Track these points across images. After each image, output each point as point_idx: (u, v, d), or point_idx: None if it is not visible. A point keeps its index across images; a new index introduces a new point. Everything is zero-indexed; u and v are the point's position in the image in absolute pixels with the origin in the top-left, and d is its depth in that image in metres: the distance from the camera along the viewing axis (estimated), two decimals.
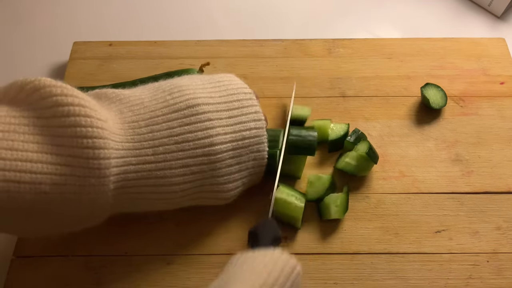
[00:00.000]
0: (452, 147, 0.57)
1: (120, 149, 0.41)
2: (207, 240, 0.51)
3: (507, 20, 0.72)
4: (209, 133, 0.44)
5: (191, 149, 0.44)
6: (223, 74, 0.51)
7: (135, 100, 0.45)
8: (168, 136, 0.43)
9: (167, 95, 0.45)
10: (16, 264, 0.50)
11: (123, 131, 0.42)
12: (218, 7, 0.74)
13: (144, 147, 0.42)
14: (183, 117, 0.44)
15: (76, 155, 0.38)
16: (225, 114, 0.46)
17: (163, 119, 0.44)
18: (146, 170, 0.42)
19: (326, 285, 0.49)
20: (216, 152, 0.45)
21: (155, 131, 0.43)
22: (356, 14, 0.73)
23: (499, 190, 0.55)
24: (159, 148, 0.43)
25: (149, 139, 0.43)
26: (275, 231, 0.46)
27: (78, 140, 0.38)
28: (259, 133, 0.48)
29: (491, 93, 0.62)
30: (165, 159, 0.43)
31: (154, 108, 0.44)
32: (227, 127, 0.46)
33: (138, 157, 0.42)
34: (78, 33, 0.70)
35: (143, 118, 0.44)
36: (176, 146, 0.43)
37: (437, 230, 0.52)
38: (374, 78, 0.63)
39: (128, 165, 0.41)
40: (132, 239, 0.51)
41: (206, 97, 0.46)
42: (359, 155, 0.53)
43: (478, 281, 0.49)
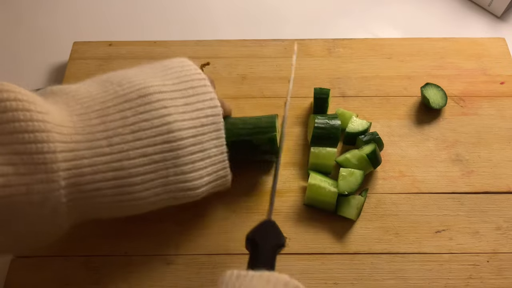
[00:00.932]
0: (452, 147, 0.57)
1: (69, 141, 0.38)
2: (207, 240, 0.51)
3: (507, 20, 0.72)
4: (166, 119, 0.42)
5: (148, 137, 0.41)
6: (174, 59, 0.48)
7: (82, 93, 0.42)
8: (122, 126, 0.40)
9: (117, 87, 0.43)
10: (16, 264, 0.50)
11: (72, 123, 0.39)
12: (218, 7, 0.74)
13: (97, 138, 0.39)
14: (137, 106, 0.41)
15: (17, 152, 0.35)
16: (181, 102, 0.44)
17: (115, 110, 0.41)
18: (102, 162, 0.39)
19: (326, 285, 0.49)
20: (176, 139, 0.42)
21: (108, 121, 0.40)
22: (356, 14, 0.73)
23: (499, 190, 0.55)
24: (114, 139, 0.40)
25: (102, 130, 0.40)
26: (276, 236, 0.42)
27: (18, 135, 0.35)
28: (215, 120, 0.46)
29: (491, 93, 0.62)
30: (122, 149, 0.40)
31: (104, 99, 0.42)
32: (185, 114, 0.43)
33: (92, 149, 0.39)
34: (78, 33, 0.70)
35: (93, 110, 0.41)
36: (133, 135, 0.40)
37: (437, 230, 0.52)
38: (374, 78, 0.63)
39: (81, 159, 0.38)
40: (132, 239, 0.51)
41: (159, 85, 0.44)
42: (361, 155, 0.53)
43: (478, 281, 0.49)
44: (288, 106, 0.52)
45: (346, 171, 0.52)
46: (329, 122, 0.55)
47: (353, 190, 0.52)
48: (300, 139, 0.58)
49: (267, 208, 0.51)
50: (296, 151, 0.57)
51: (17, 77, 0.66)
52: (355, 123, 0.57)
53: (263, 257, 0.40)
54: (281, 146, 0.50)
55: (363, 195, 0.52)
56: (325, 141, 0.54)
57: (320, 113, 0.57)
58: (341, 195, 0.52)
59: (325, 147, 0.54)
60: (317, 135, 0.54)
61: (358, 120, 0.57)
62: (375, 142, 0.54)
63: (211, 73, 0.63)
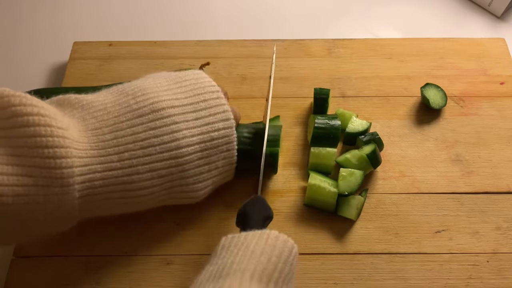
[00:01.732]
0: (452, 147, 0.57)
1: (84, 156, 0.41)
2: (207, 240, 0.51)
3: (507, 20, 0.72)
4: (175, 136, 0.44)
5: (157, 153, 0.43)
6: (190, 71, 0.50)
7: (98, 106, 0.44)
8: (133, 141, 0.43)
9: (131, 99, 0.45)
10: (16, 264, 0.50)
11: (87, 139, 0.42)
12: (218, 7, 0.74)
13: (109, 153, 0.42)
14: (148, 122, 0.43)
15: (37, 165, 0.37)
16: (192, 116, 0.46)
17: (127, 125, 0.43)
18: (113, 176, 0.42)
19: (326, 285, 0.49)
20: (183, 155, 0.44)
21: (120, 137, 0.43)
22: (356, 14, 0.73)
23: (499, 190, 0.55)
24: (125, 154, 0.42)
25: (114, 145, 0.42)
26: (265, 209, 0.45)
27: (38, 150, 0.37)
28: (227, 133, 0.47)
29: (491, 93, 0.62)
30: (131, 164, 0.42)
31: (118, 113, 0.44)
32: (194, 129, 0.45)
33: (104, 164, 0.41)
34: (78, 33, 0.70)
35: (107, 125, 0.43)
36: (142, 151, 0.43)
37: (437, 230, 0.52)
38: (374, 78, 0.63)
39: (94, 173, 0.41)
40: (132, 239, 0.51)
41: (171, 99, 0.45)
42: (360, 155, 0.53)
43: (478, 281, 0.49)
44: (270, 104, 0.53)
45: (346, 171, 0.52)
46: (329, 122, 0.55)
47: (353, 190, 0.52)
48: (300, 139, 0.58)
49: None
50: (296, 151, 0.57)
51: (17, 77, 0.66)
52: (355, 123, 0.57)
53: (254, 225, 0.43)
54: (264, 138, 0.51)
55: (363, 195, 0.52)
56: (325, 141, 0.54)
57: (320, 113, 0.57)
58: (341, 195, 0.52)
59: (325, 147, 0.54)
60: (317, 135, 0.54)
61: (358, 120, 0.57)
62: (375, 143, 0.54)
63: (211, 73, 0.63)
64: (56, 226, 0.43)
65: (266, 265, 0.36)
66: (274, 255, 0.37)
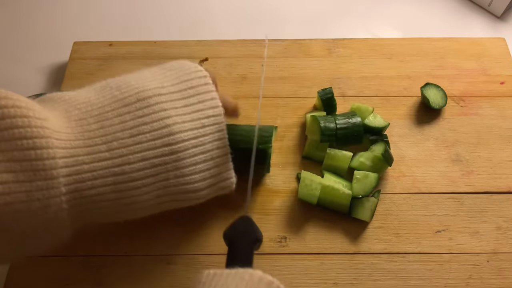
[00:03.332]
0: (452, 147, 0.57)
1: (69, 147, 0.38)
2: (207, 240, 0.51)
3: (507, 20, 0.72)
4: (166, 122, 0.41)
5: (148, 140, 0.40)
6: (174, 61, 0.47)
7: (81, 99, 0.42)
8: (121, 130, 0.40)
9: (115, 91, 0.42)
10: (16, 264, 0.50)
11: (70, 129, 0.39)
12: (218, 7, 0.74)
13: (96, 143, 0.39)
14: (135, 110, 0.41)
15: (17, 159, 0.35)
16: (180, 103, 0.43)
17: (114, 114, 0.41)
18: (102, 168, 0.39)
19: (326, 285, 0.49)
20: (177, 141, 0.42)
21: (106, 126, 0.40)
22: (356, 14, 0.73)
23: (499, 190, 0.55)
24: (113, 143, 0.39)
25: (101, 134, 0.39)
26: (253, 231, 0.42)
27: (17, 142, 0.35)
28: (217, 120, 0.45)
29: (491, 93, 0.62)
30: (121, 154, 0.40)
31: (102, 104, 0.41)
32: (185, 115, 0.43)
33: (91, 154, 0.39)
34: (78, 33, 0.70)
35: (91, 115, 0.40)
36: (132, 139, 0.40)
37: (437, 230, 0.52)
38: (374, 78, 0.63)
39: (81, 164, 0.38)
40: (132, 239, 0.51)
41: (157, 87, 0.43)
42: (374, 156, 0.53)
43: (478, 281, 0.49)
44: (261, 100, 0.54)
45: (361, 174, 0.52)
46: (350, 121, 0.54)
47: (367, 193, 0.51)
48: (300, 139, 0.58)
49: (262, 204, 0.51)
50: (297, 151, 0.57)
51: (17, 77, 0.66)
52: (374, 119, 0.56)
53: (240, 254, 0.40)
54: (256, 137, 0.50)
55: (376, 197, 0.52)
56: (350, 140, 0.54)
57: (330, 113, 0.57)
58: (354, 198, 0.51)
59: (341, 150, 0.54)
60: (341, 136, 0.54)
61: (377, 116, 0.57)
62: (380, 140, 0.55)
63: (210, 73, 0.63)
64: (46, 235, 0.39)
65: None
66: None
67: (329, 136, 0.53)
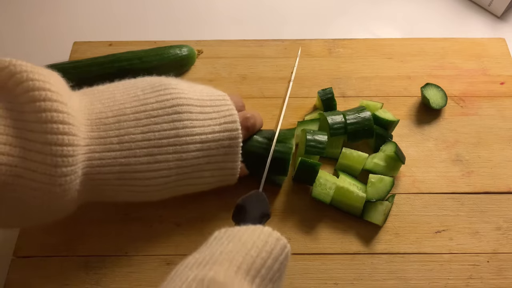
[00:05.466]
0: (452, 147, 0.57)
1: (85, 138, 0.42)
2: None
3: (507, 20, 0.72)
4: (175, 125, 0.45)
5: (156, 139, 0.44)
6: (212, 89, 0.51)
7: (106, 94, 0.46)
8: (134, 126, 0.44)
9: (139, 91, 0.46)
10: (16, 264, 0.50)
11: (90, 121, 0.43)
12: (218, 7, 0.74)
13: (109, 136, 0.43)
14: (151, 110, 0.45)
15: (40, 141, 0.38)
16: (196, 109, 0.46)
17: (131, 111, 0.44)
18: (111, 157, 0.43)
19: (326, 285, 0.49)
20: (181, 143, 0.45)
21: (122, 121, 0.44)
22: (356, 14, 0.73)
23: (499, 190, 0.55)
24: (125, 137, 0.43)
25: (115, 128, 0.43)
26: (264, 205, 0.45)
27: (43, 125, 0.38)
28: (229, 127, 0.48)
29: (491, 93, 0.62)
30: (130, 147, 0.43)
31: (124, 101, 0.45)
32: (196, 121, 0.46)
33: (103, 145, 0.43)
34: (78, 33, 0.70)
35: (111, 109, 0.44)
36: (142, 135, 0.44)
37: (437, 230, 0.52)
38: (374, 78, 0.63)
39: (92, 153, 0.42)
40: (132, 239, 0.51)
41: (178, 93, 0.46)
42: (387, 155, 0.53)
43: (478, 281, 0.49)
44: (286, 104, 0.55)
45: (376, 178, 0.52)
46: (360, 115, 0.54)
47: (381, 197, 0.51)
48: None
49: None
50: (297, 151, 0.57)
51: None
52: (384, 113, 0.56)
53: (250, 219, 0.44)
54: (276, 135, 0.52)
55: (390, 201, 0.52)
56: (361, 135, 0.54)
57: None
58: (368, 201, 0.51)
59: (357, 151, 0.54)
60: (352, 131, 0.54)
61: (386, 111, 0.57)
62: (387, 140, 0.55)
63: (210, 73, 0.63)
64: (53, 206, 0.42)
65: (255, 259, 0.36)
66: (265, 250, 0.37)
67: (337, 129, 0.53)
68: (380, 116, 0.56)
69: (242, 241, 0.37)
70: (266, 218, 0.45)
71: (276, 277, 0.38)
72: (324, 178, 0.52)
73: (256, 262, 0.36)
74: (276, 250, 0.38)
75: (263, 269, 0.36)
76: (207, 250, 0.38)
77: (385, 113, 0.57)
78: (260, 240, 0.38)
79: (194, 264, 0.36)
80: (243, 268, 0.35)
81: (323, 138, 0.52)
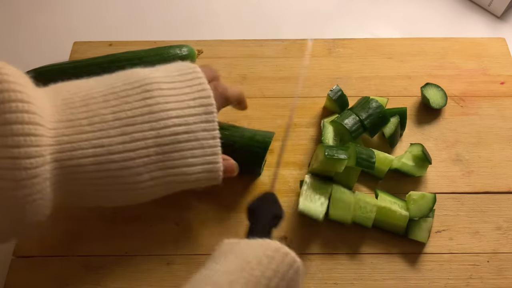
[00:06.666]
0: (452, 147, 0.57)
1: (52, 121, 0.40)
2: (207, 240, 0.51)
3: (507, 20, 0.72)
4: (147, 102, 0.43)
5: (128, 117, 0.42)
6: (181, 63, 0.48)
7: (73, 84, 0.44)
8: (104, 107, 0.42)
9: (106, 80, 0.45)
10: (16, 264, 0.50)
11: (55, 108, 0.41)
12: (218, 7, 0.74)
13: (78, 118, 0.41)
14: (120, 91, 0.43)
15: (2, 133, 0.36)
16: (166, 86, 0.45)
17: (99, 94, 0.43)
18: (82, 140, 0.41)
19: (326, 285, 0.49)
20: (157, 119, 0.43)
21: (91, 104, 0.42)
22: (356, 14, 0.73)
23: (499, 190, 0.55)
24: (94, 118, 0.41)
25: (84, 111, 0.42)
26: (275, 206, 0.44)
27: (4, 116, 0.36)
28: (204, 102, 0.45)
29: (491, 93, 0.62)
30: (102, 128, 0.41)
31: (91, 87, 0.44)
32: (169, 97, 0.44)
33: (72, 127, 0.41)
34: (78, 33, 0.70)
35: (78, 95, 0.43)
36: (113, 115, 0.42)
37: (437, 230, 0.52)
38: (374, 78, 0.63)
39: (61, 136, 0.40)
40: (132, 239, 0.51)
41: (145, 73, 0.45)
42: (414, 155, 0.54)
43: (478, 281, 0.49)
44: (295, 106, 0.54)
45: (417, 195, 0.51)
46: (370, 106, 0.55)
47: (424, 214, 0.50)
48: (301, 139, 0.58)
49: None
50: (297, 151, 0.57)
51: None
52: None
53: (260, 226, 0.42)
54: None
55: (431, 216, 0.51)
56: (379, 124, 0.55)
57: (344, 110, 0.58)
58: (411, 219, 0.50)
59: (384, 152, 0.54)
60: (370, 124, 0.54)
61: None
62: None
63: None
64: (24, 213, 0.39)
65: (259, 278, 0.35)
66: (270, 268, 0.36)
67: (356, 130, 0.54)
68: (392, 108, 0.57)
69: (247, 260, 0.36)
70: (279, 219, 0.44)
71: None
72: (363, 201, 0.50)
73: (260, 283, 0.35)
74: (283, 267, 0.36)
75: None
76: (213, 265, 0.37)
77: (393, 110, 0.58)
78: (265, 257, 0.36)
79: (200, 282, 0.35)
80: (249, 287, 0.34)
81: (372, 153, 0.52)
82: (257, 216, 0.43)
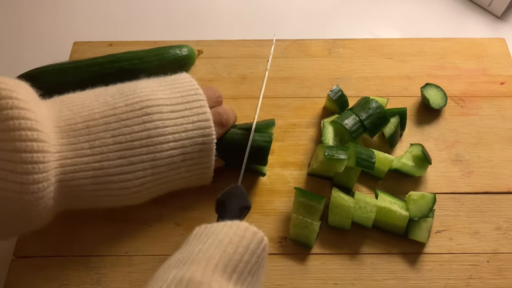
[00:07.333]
0: (452, 147, 0.57)
1: (56, 144, 0.42)
2: None
3: (507, 20, 0.72)
4: (147, 126, 0.45)
5: (127, 141, 0.44)
6: (174, 75, 0.51)
7: (76, 101, 0.46)
8: (104, 130, 0.44)
9: (108, 97, 0.46)
10: (16, 264, 0.50)
11: (59, 128, 0.43)
12: (219, 7, 0.74)
13: (80, 141, 0.43)
14: (121, 113, 0.45)
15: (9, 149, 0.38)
16: (167, 109, 0.46)
17: (101, 115, 0.45)
18: (83, 163, 0.43)
19: (326, 285, 0.49)
20: (154, 143, 0.45)
21: (91, 126, 0.44)
22: (356, 14, 0.73)
23: (499, 190, 0.55)
24: (95, 142, 0.44)
25: (85, 134, 0.44)
26: (243, 199, 0.46)
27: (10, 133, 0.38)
28: (202, 125, 0.48)
29: (491, 93, 0.62)
30: (102, 151, 0.44)
31: (93, 107, 0.45)
32: (168, 120, 0.46)
33: (74, 151, 0.43)
34: (78, 33, 0.70)
35: (80, 115, 0.44)
36: (113, 139, 0.44)
37: (437, 230, 0.52)
38: (374, 78, 0.63)
39: (64, 159, 0.42)
40: (132, 239, 0.51)
41: (147, 94, 0.47)
42: (414, 155, 0.54)
43: (478, 281, 0.49)
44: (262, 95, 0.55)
45: (417, 195, 0.51)
46: (370, 107, 0.55)
47: (424, 214, 0.50)
48: (300, 139, 0.58)
49: (262, 204, 0.51)
50: (296, 151, 0.57)
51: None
52: None
53: (229, 217, 0.44)
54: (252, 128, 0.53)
55: (430, 216, 0.51)
56: (379, 124, 0.55)
57: (344, 109, 0.58)
58: (411, 220, 0.50)
59: (384, 152, 0.54)
60: (370, 124, 0.54)
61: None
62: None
63: (211, 73, 0.63)
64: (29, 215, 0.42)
65: (232, 255, 0.37)
66: (241, 245, 0.38)
67: (356, 131, 0.54)
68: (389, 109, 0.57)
69: (219, 238, 0.38)
70: (247, 211, 0.47)
71: (254, 270, 0.38)
72: (363, 201, 0.50)
73: (233, 259, 0.37)
74: (253, 244, 0.39)
75: (240, 264, 0.37)
76: (187, 248, 0.39)
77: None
78: (236, 236, 0.39)
79: (175, 264, 0.37)
80: (220, 266, 0.36)
81: (372, 153, 0.52)
82: (226, 208, 0.45)
